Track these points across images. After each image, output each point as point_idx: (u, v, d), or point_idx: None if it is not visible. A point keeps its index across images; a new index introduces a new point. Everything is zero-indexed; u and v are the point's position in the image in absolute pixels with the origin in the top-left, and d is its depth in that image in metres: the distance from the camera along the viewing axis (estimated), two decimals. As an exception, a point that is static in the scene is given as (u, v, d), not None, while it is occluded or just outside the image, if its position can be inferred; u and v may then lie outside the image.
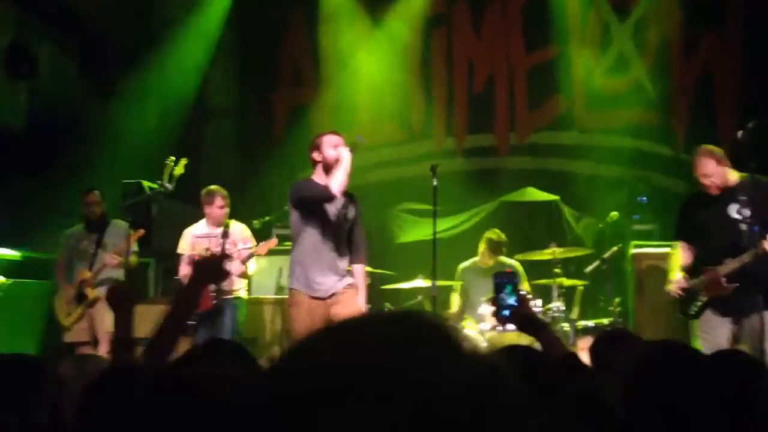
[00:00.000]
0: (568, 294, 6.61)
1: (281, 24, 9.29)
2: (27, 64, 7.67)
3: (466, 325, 6.46)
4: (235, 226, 6.35)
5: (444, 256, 6.17)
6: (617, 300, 6.78)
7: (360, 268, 5.39)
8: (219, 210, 6.25)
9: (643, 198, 7.75)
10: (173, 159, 6.59)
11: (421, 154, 8.77)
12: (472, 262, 7.09)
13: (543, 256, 6.65)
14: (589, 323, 6.52)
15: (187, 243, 6.34)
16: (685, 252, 5.24)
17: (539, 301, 6.35)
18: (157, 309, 5.20)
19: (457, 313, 7.06)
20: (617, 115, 8.57)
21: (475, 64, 8.97)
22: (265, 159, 8.81)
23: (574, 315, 6.62)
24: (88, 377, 1.99)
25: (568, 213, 8.30)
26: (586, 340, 5.62)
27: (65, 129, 7.62)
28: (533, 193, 8.33)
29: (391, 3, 8.93)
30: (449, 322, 0.73)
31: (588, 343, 2.98)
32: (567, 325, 6.30)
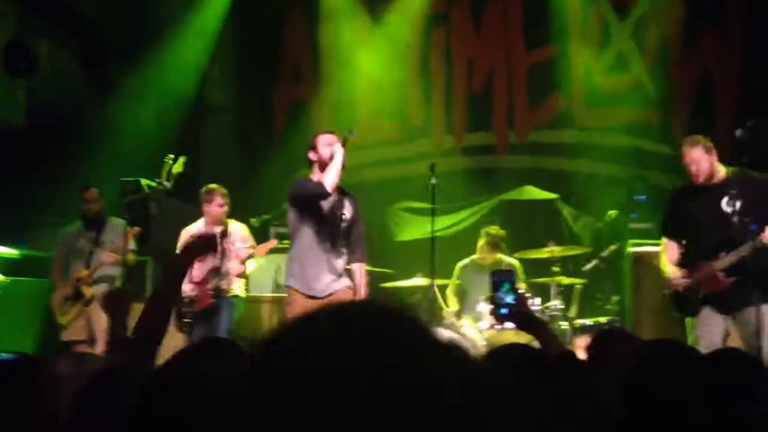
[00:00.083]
0: (566, 292, 6.62)
1: (281, 22, 9.28)
2: (26, 62, 7.66)
3: (463, 323, 6.44)
4: (234, 225, 6.34)
5: (443, 254, 6.17)
6: (615, 298, 6.78)
7: (360, 267, 5.38)
8: (218, 208, 6.24)
9: (642, 197, 7.74)
10: (172, 157, 6.58)
11: (420, 153, 8.77)
12: (470, 260, 7.08)
13: (541, 254, 6.65)
14: (587, 322, 6.53)
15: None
16: (672, 249, 5.18)
17: (538, 299, 6.34)
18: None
19: (454, 310, 7.03)
20: (616, 113, 8.56)
21: (474, 62, 8.96)
22: (265, 157, 8.79)
23: (572, 313, 6.62)
24: (85, 376, 1.99)
25: (566, 211, 8.29)
26: (584, 339, 5.61)
27: (64, 127, 7.62)
28: (532, 192, 8.32)
29: (390, 1, 8.91)
30: (416, 312, 0.74)
31: (586, 342, 2.97)
32: (565, 324, 6.30)
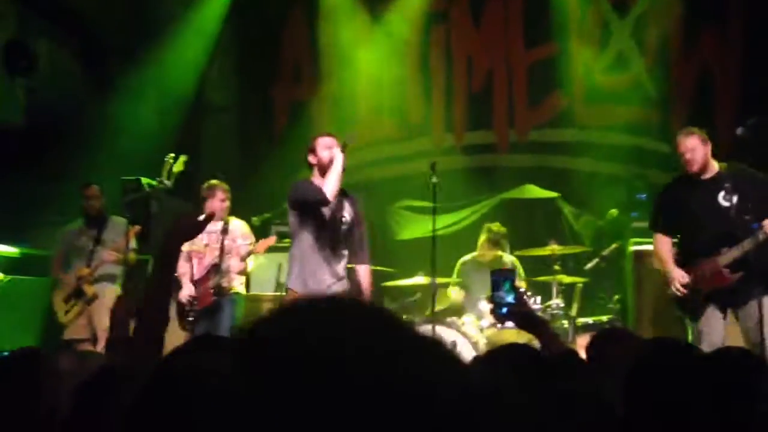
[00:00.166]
0: (567, 291, 6.61)
1: (280, 21, 9.28)
2: (26, 61, 7.66)
3: (465, 321, 6.42)
4: (234, 222, 6.34)
5: (444, 253, 6.16)
6: (616, 297, 6.78)
7: (365, 270, 5.38)
8: (220, 203, 6.23)
9: (642, 195, 7.73)
10: (173, 156, 6.58)
11: (420, 151, 8.76)
12: (471, 257, 7.08)
13: (542, 253, 6.65)
14: (588, 320, 6.53)
15: (185, 240, 6.32)
16: (665, 244, 5.12)
17: (538, 298, 6.34)
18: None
19: (453, 308, 7.01)
20: (617, 112, 8.55)
21: (474, 60, 8.95)
22: (265, 156, 8.79)
23: (573, 312, 6.61)
24: (87, 373, 1.99)
25: (567, 210, 8.29)
26: (585, 338, 5.61)
27: (64, 126, 7.62)
28: (533, 190, 8.31)
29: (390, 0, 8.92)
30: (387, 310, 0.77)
31: (587, 341, 2.97)
32: (566, 323, 6.30)
